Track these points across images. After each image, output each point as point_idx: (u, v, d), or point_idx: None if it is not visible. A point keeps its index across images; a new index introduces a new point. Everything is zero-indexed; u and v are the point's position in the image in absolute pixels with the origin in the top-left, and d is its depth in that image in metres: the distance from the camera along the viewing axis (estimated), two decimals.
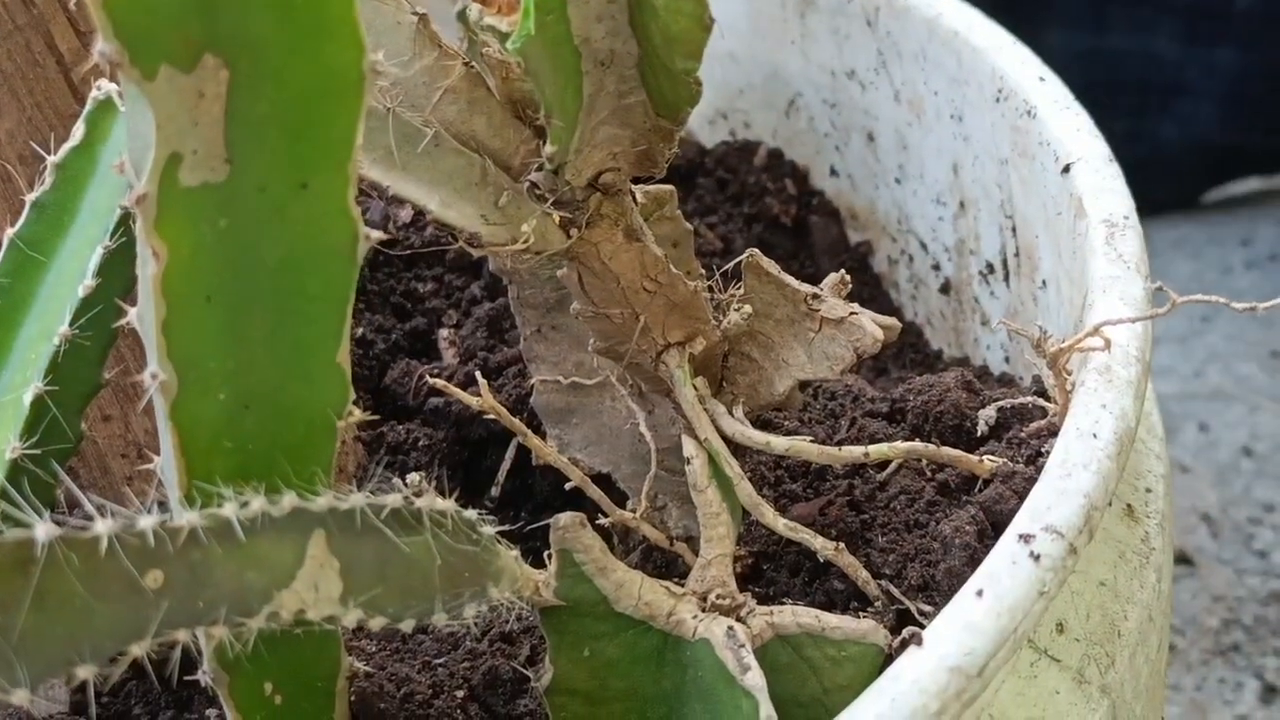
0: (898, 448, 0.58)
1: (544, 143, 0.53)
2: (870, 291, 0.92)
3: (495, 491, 0.74)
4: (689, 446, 0.57)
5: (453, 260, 0.86)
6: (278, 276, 0.43)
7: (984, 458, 0.59)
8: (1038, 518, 0.47)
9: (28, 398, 0.51)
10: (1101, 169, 0.64)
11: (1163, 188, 1.63)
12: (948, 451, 0.59)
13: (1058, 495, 0.48)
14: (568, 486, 0.62)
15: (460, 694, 0.62)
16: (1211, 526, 1.31)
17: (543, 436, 0.66)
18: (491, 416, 0.61)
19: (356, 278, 0.45)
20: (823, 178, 0.96)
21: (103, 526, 0.38)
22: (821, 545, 0.57)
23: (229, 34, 0.39)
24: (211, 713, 0.62)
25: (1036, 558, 0.46)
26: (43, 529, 0.37)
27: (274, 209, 0.42)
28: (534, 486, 0.75)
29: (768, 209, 0.93)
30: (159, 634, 0.39)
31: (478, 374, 0.61)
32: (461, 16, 0.88)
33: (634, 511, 0.62)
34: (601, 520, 0.61)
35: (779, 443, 0.57)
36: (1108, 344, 0.54)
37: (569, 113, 0.52)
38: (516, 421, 0.60)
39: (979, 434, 0.63)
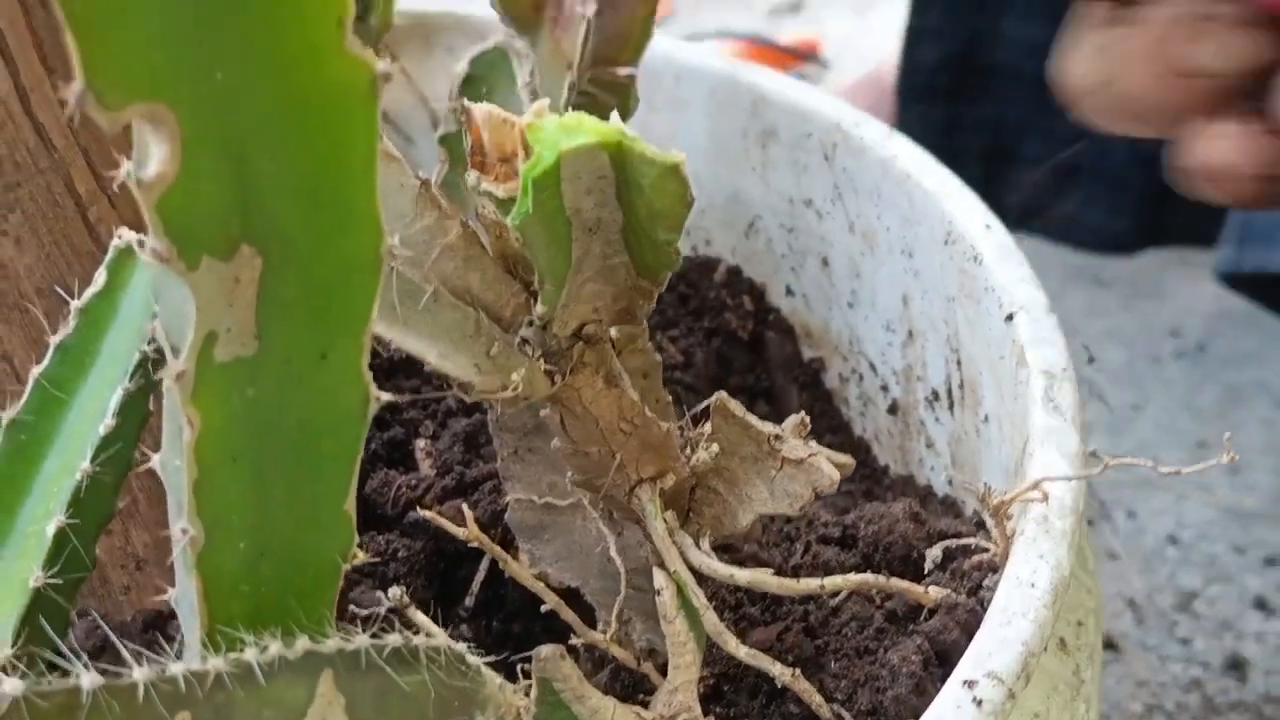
0: (850, 580, 0.63)
1: (535, 303, 0.57)
2: (821, 407, 0.96)
3: (470, 601, 0.78)
4: (659, 578, 0.62)
5: (430, 371, 0.89)
6: (297, 437, 0.47)
7: (929, 588, 0.64)
8: (980, 664, 0.52)
9: (50, 529, 0.54)
10: (1041, 319, 0.69)
11: (1107, 201, 1.58)
12: (896, 583, 0.64)
13: (998, 643, 0.53)
14: (544, 610, 0.66)
15: None
16: (1137, 613, 1.36)
17: (516, 550, 0.70)
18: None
19: (365, 435, 0.49)
20: (779, 296, 1.01)
21: (139, 674, 0.42)
22: (779, 671, 0.62)
23: (263, 227, 0.43)
24: None
25: (979, 703, 0.51)
26: (88, 678, 0.41)
27: (296, 378, 0.46)
28: (506, 596, 0.78)
29: (726, 324, 0.97)
30: None
31: (464, 506, 0.65)
32: (444, 141, 0.92)
33: (604, 631, 0.66)
34: (574, 640, 0.65)
35: (742, 575, 0.61)
36: (1046, 498, 0.58)
37: (559, 276, 0.56)
38: (498, 549, 0.64)
39: (925, 568, 0.67)
